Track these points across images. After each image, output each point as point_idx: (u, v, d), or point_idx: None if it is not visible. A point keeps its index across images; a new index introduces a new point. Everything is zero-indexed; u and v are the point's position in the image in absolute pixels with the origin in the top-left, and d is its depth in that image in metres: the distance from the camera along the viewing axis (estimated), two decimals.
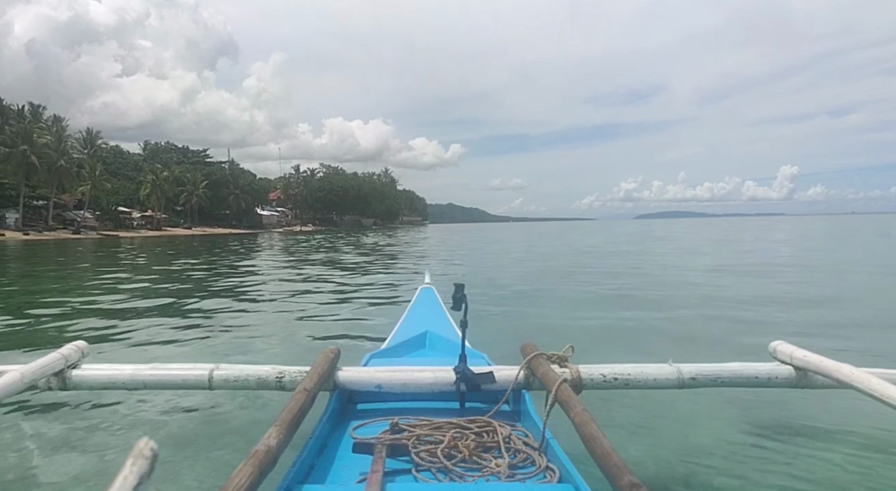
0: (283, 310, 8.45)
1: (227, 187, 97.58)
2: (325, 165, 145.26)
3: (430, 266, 13.89)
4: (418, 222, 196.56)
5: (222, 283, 12.84)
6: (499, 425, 1.89)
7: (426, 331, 3.36)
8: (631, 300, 8.99)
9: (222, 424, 3.33)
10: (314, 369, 2.06)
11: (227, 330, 6.67)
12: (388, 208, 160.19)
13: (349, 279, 13.04)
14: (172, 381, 2.21)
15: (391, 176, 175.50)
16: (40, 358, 2.06)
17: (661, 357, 2.34)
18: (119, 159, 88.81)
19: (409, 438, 1.80)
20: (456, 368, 2.19)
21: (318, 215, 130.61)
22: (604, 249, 23.11)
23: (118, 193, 77.68)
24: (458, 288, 2.18)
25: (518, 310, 8.07)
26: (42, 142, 63.70)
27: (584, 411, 1.62)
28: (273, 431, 1.43)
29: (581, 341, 2.49)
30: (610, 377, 2.19)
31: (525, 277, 13.17)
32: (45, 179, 65.39)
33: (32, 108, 72.08)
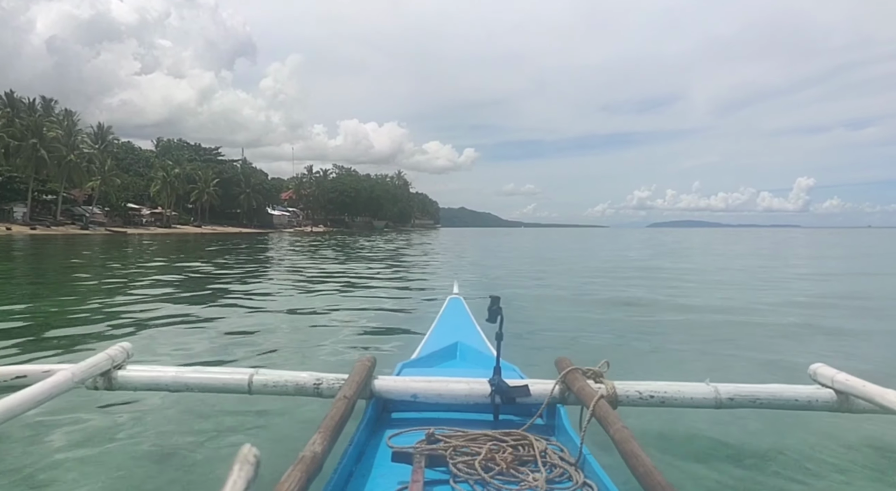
0: (308, 315, 8.34)
1: (239, 186, 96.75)
2: (338, 166, 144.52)
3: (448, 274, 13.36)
4: (430, 226, 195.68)
5: (239, 285, 12.52)
6: (534, 439, 1.87)
7: (457, 342, 3.30)
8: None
9: (263, 428, 3.39)
10: (352, 377, 2.07)
11: (260, 336, 6.63)
12: (401, 211, 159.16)
13: (373, 284, 12.88)
14: (213, 384, 2.23)
15: (404, 178, 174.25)
16: (88, 358, 2.11)
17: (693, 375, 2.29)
18: (131, 155, 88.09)
19: (445, 449, 1.79)
20: (491, 380, 2.17)
21: (330, 216, 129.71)
22: (637, 264, 20.72)
23: (128, 189, 76.83)
24: (494, 300, 2.14)
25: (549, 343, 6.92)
26: (52, 135, 62.97)
27: (623, 428, 1.58)
28: (317, 437, 1.46)
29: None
30: (646, 394, 2.14)
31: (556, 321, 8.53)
32: (55, 174, 64.64)
33: (44, 101, 71.43)
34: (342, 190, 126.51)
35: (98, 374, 2.14)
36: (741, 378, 2.30)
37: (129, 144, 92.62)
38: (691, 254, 30.32)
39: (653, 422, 3.21)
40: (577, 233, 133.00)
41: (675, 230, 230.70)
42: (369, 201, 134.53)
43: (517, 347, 5.36)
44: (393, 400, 2.26)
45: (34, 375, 2.04)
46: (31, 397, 1.73)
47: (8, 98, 65.86)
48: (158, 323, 7.35)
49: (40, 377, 1.96)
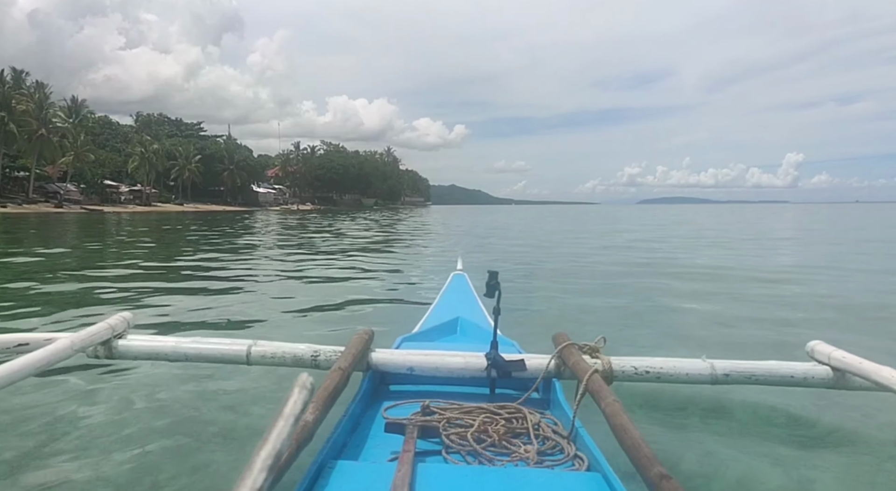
0: (305, 289, 8.39)
1: (222, 162, 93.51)
2: (325, 143, 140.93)
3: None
4: (420, 203, 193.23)
5: (236, 262, 12.30)
6: (528, 412, 1.92)
7: (458, 317, 3.31)
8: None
9: (257, 397, 3.40)
10: (349, 349, 2.09)
11: (258, 308, 6.65)
12: (390, 188, 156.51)
13: (369, 260, 12.67)
14: (212, 354, 2.26)
15: (394, 155, 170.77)
16: (89, 327, 2.14)
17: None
18: (108, 130, 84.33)
19: (439, 421, 1.83)
20: (487, 354, 2.19)
21: (318, 194, 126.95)
22: (641, 245, 18.67)
23: (105, 166, 73.55)
24: (492, 275, 2.15)
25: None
26: (22, 109, 59.73)
27: (614, 402, 1.61)
28: (310, 407, 1.47)
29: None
30: (641, 370, 2.17)
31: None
32: (25, 149, 61.54)
33: (14, 73, 67.79)
34: (330, 167, 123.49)
35: (98, 342, 2.18)
36: (737, 354, 2.31)
37: (105, 119, 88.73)
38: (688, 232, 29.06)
39: (648, 397, 3.20)
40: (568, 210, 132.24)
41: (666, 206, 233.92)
42: (358, 179, 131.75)
43: (518, 323, 5.28)
44: (390, 373, 2.28)
45: (35, 342, 2.08)
46: (31, 364, 1.77)
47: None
48: (153, 297, 7.35)
49: (41, 345, 1.99)
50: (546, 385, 2.23)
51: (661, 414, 3.17)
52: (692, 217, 57.38)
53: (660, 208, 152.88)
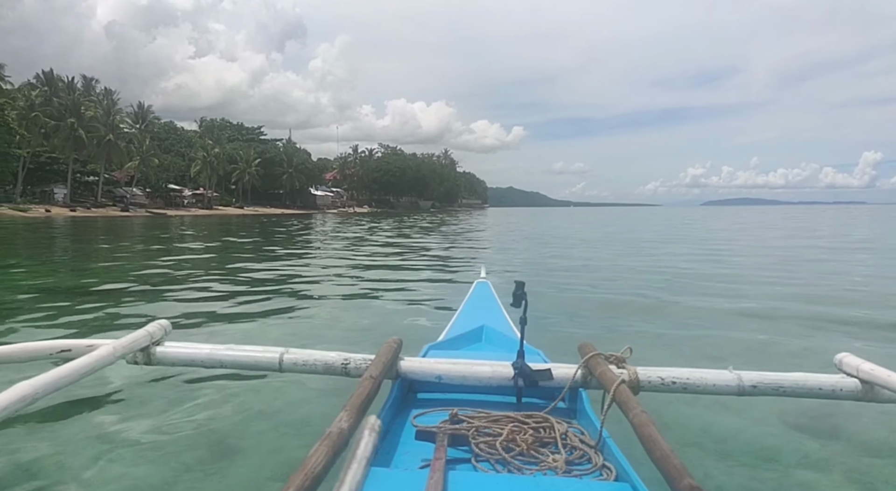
0: (343, 297, 8.40)
1: (281, 166, 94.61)
2: (383, 145, 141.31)
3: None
4: (478, 205, 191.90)
5: (275, 268, 12.39)
6: (556, 422, 1.93)
7: (482, 325, 3.35)
8: None
9: (291, 404, 3.51)
10: (379, 358, 2.13)
11: (290, 316, 6.85)
12: (447, 190, 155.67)
13: (407, 270, 12.39)
14: (246, 362, 2.31)
15: (451, 157, 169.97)
16: (129, 334, 2.23)
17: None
18: (173, 135, 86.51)
19: (468, 429, 1.86)
20: (514, 363, 2.21)
21: (375, 197, 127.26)
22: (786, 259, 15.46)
23: (169, 170, 75.27)
24: (519, 285, 2.18)
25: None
26: (90, 115, 61.49)
27: (642, 413, 1.62)
28: (344, 414, 1.52)
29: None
30: (668, 380, 2.17)
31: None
32: (94, 154, 63.34)
33: (85, 80, 70.18)
34: (387, 169, 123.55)
35: (138, 349, 2.24)
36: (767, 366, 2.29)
37: (170, 124, 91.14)
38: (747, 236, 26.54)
39: (676, 408, 3.20)
40: (631, 212, 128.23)
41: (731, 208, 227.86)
42: (415, 181, 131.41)
43: (544, 331, 5.44)
44: (418, 381, 2.32)
45: (78, 349, 2.15)
46: (76, 370, 1.84)
47: (46, 77, 64.70)
48: (197, 302, 7.66)
49: (83, 351, 2.07)
50: (572, 395, 2.25)
51: (689, 424, 3.21)
52: (779, 220, 53.75)
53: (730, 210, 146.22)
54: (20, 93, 60.16)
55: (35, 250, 18.22)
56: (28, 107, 57.00)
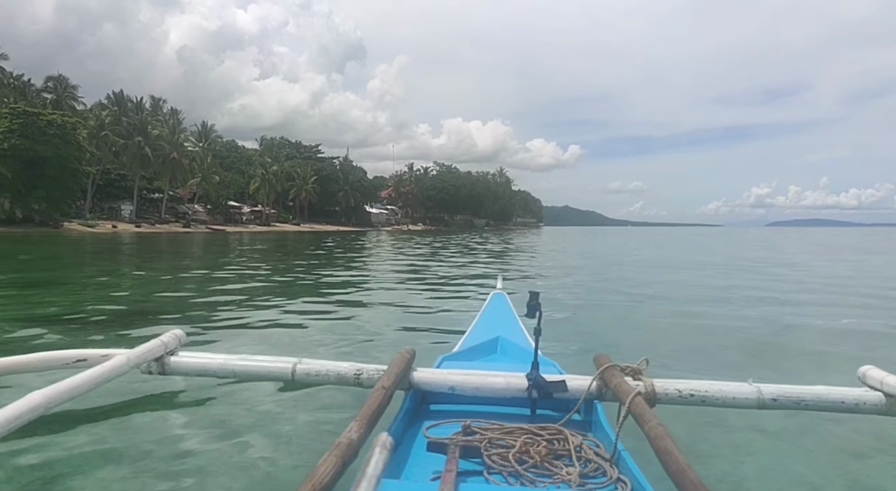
0: (369, 308, 8.57)
1: (337, 183, 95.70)
2: (438, 163, 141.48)
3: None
4: (532, 224, 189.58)
5: (315, 282, 12.75)
6: (570, 434, 1.90)
7: (498, 336, 3.33)
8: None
9: (302, 414, 3.53)
10: (391, 368, 2.11)
11: (308, 325, 6.99)
12: (502, 209, 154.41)
13: (445, 280, 12.81)
14: (259, 372, 2.30)
15: (506, 176, 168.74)
16: (144, 344, 2.23)
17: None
18: (234, 153, 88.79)
19: (481, 441, 1.84)
20: (528, 374, 2.18)
21: (429, 214, 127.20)
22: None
23: (229, 187, 77.01)
24: (533, 296, 2.18)
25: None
26: (156, 133, 63.51)
27: (658, 425, 1.60)
28: (354, 425, 1.52)
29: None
30: (686, 393, 2.12)
31: None
32: (159, 171, 65.30)
33: (153, 100, 72.86)
34: (442, 187, 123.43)
35: (152, 359, 2.23)
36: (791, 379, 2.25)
37: (232, 143, 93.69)
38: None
39: (692, 420, 3.11)
40: (693, 232, 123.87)
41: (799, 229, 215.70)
42: (469, 199, 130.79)
43: (564, 343, 5.49)
44: (431, 392, 2.30)
45: (93, 358, 2.15)
46: (91, 379, 1.83)
47: (116, 97, 67.41)
48: (216, 312, 7.96)
49: (99, 361, 2.07)
50: (587, 407, 2.21)
51: (706, 438, 3.15)
52: (866, 243, 48.62)
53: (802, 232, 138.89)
54: (91, 113, 62.80)
55: (101, 263, 19.00)
56: (98, 126, 59.31)
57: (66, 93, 65.35)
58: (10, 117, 47.71)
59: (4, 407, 1.50)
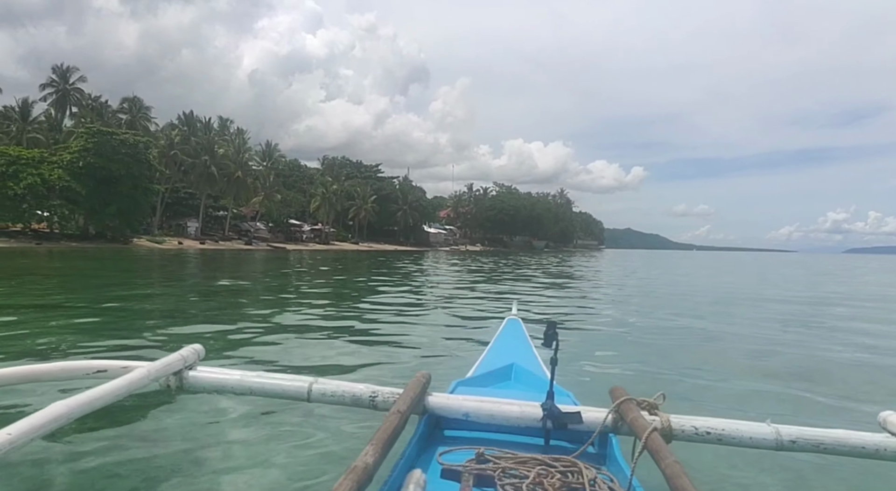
0: (395, 330, 8.45)
1: (396, 203, 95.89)
2: (498, 184, 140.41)
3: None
4: (594, 246, 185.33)
5: (352, 302, 12.70)
6: (584, 467, 1.88)
7: (512, 363, 3.30)
8: None
9: (317, 433, 3.50)
10: (407, 392, 2.11)
11: (326, 345, 7.04)
12: (562, 230, 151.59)
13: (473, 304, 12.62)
14: (274, 390, 2.31)
15: (567, 197, 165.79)
16: (163, 358, 2.24)
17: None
18: (296, 173, 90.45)
19: (494, 470, 1.83)
20: (543, 404, 2.17)
21: (488, 235, 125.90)
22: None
23: (290, 206, 78.20)
24: (550, 325, 2.18)
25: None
26: (222, 152, 65.06)
27: (675, 463, 1.59)
28: (370, 449, 1.52)
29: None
30: (702, 430, 2.10)
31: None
32: (224, 189, 66.79)
33: (221, 121, 74.99)
34: (501, 208, 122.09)
35: (171, 373, 2.24)
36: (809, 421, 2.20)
37: (295, 162, 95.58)
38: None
39: (707, 458, 3.05)
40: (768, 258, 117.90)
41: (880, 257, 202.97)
42: (529, 220, 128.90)
43: (579, 373, 5.43)
44: (445, 417, 2.29)
45: (113, 370, 2.19)
46: (111, 392, 1.87)
47: (186, 117, 69.64)
48: (244, 327, 8.17)
49: (119, 373, 2.11)
50: (602, 440, 2.18)
51: (721, 477, 3.09)
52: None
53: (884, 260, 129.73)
54: (162, 133, 65.05)
55: (165, 278, 20.11)
56: (168, 145, 61.25)
57: (140, 113, 68.07)
58: (86, 136, 49.69)
59: (28, 416, 1.54)
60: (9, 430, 1.46)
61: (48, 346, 6.61)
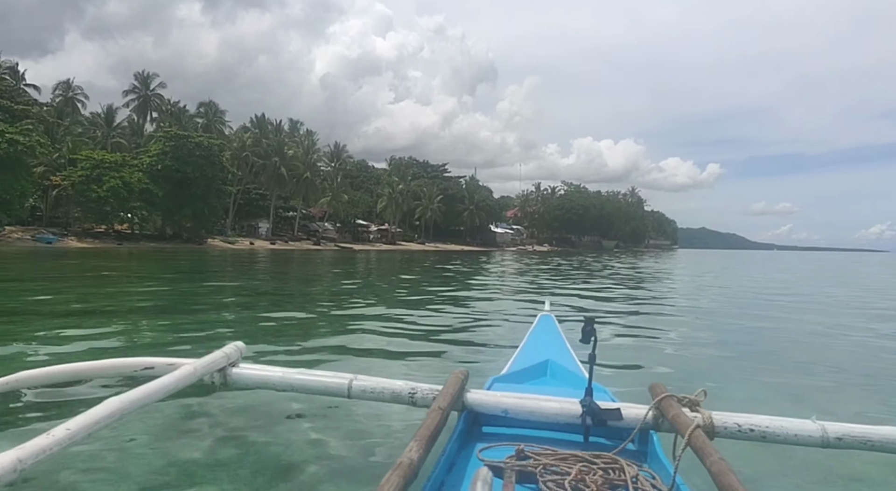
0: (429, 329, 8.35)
1: (462, 202, 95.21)
2: (566, 183, 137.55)
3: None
4: (666, 246, 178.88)
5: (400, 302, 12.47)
6: (626, 464, 1.87)
7: (547, 360, 3.31)
8: None
9: (354, 430, 3.52)
10: (446, 389, 2.13)
11: (365, 345, 6.87)
12: (633, 230, 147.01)
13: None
14: (316, 386, 2.35)
15: (638, 196, 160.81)
16: (208, 355, 2.29)
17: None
18: (363, 173, 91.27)
19: (535, 466, 1.83)
20: (582, 401, 2.17)
21: (556, 235, 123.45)
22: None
23: (357, 206, 78.85)
24: (588, 322, 2.17)
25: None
26: (291, 154, 66.20)
27: (720, 460, 1.57)
28: (414, 445, 1.54)
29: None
30: (745, 427, 2.07)
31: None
32: (293, 190, 67.99)
33: (291, 123, 76.54)
34: (569, 207, 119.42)
35: (216, 370, 2.30)
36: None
37: (363, 163, 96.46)
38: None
39: (748, 454, 2.92)
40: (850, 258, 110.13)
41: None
42: (598, 219, 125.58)
43: (614, 369, 5.40)
44: (484, 414, 2.30)
45: (160, 367, 2.25)
46: (162, 387, 1.93)
47: (258, 120, 71.37)
48: (284, 326, 8.38)
49: (166, 370, 2.16)
50: (642, 436, 2.17)
51: (765, 475, 3.02)
52: None
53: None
54: (235, 135, 66.84)
55: (241, 276, 21.04)
56: (240, 147, 62.83)
57: (216, 117, 70.36)
58: (163, 140, 51.51)
59: (85, 412, 1.61)
60: (68, 425, 1.52)
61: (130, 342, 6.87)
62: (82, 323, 7.97)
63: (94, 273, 18.89)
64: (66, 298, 11.42)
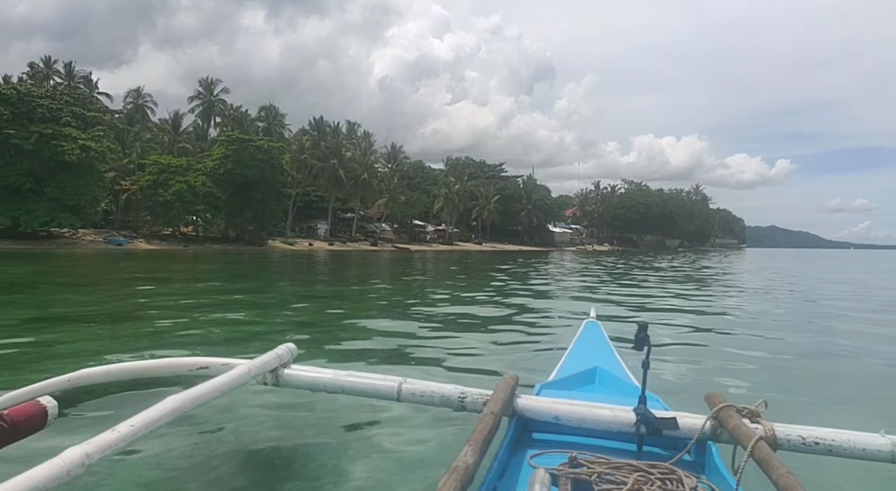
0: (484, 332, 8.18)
1: (520, 202, 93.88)
2: (626, 181, 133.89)
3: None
4: (734, 245, 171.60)
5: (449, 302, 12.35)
6: (684, 475, 1.81)
7: (596, 366, 3.26)
8: None
9: (406, 430, 3.55)
10: (497, 394, 2.12)
11: (419, 347, 6.88)
12: (698, 228, 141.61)
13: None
14: (366, 389, 2.36)
15: (702, 193, 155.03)
16: (260, 356, 2.32)
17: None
18: (420, 174, 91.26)
19: (590, 475, 1.79)
20: (636, 409, 2.12)
21: (616, 234, 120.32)
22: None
23: (414, 207, 78.82)
24: (642, 328, 2.09)
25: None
26: (349, 156, 66.72)
27: (788, 474, 1.53)
28: (468, 449, 1.55)
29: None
30: (810, 440, 2.00)
31: None
32: (351, 192, 68.54)
33: (349, 125, 77.23)
34: (630, 206, 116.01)
35: (268, 370, 2.33)
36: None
37: (419, 163, 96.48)
38: None
39: (810, 467, 2.78)
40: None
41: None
42: (661, 218, 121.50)
43: (664, 377, 5.29)
44: (534, 420, 2.27)
45: (214, 367, 2.29)
46: (219, 386, 1.96)
47: (316, 123, 72.34)
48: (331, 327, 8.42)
49: (220, 370, 2.20)
50: (699, 447, 2.11)
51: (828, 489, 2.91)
52: None
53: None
54: (294, 138, 67.92)
55: (299, 276, 21.57)
56: (299, 150, 63.75)
57: (276, 121, 71.70)
58: (225, 144, 52.69)
59: (147, 409, 1.65)
60: (132, 421, 1.57)
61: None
62: (140, 325, 8.12)
63: (162, 274, 19.49)
64: (126, 300, 11.54)
